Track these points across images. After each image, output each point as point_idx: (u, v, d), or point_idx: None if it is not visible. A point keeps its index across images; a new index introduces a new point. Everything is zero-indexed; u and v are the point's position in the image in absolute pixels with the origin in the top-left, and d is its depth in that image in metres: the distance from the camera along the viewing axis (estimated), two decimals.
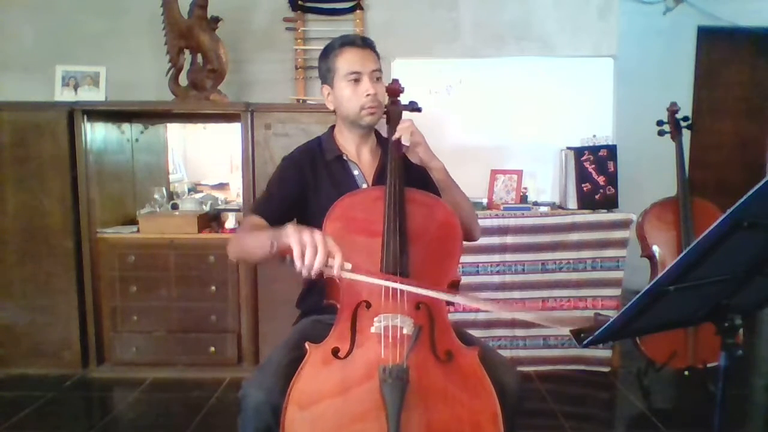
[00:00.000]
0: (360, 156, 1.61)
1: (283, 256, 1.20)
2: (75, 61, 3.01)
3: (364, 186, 1.56)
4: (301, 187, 1.55)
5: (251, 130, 2.75)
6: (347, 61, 1.51)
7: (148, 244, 2.80)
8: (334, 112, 1.61)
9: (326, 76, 1.55)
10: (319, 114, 2.74)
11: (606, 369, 2.86)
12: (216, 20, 2.88)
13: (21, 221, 2.79)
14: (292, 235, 1.16)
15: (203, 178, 3.70)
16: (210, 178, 3.70)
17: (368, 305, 1.28)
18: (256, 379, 1.28)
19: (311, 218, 1.52)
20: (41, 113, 2.77)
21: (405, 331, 1.24)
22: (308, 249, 1.13)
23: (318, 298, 1.46)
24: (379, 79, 1.53)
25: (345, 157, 1.59)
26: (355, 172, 1.58)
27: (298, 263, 1.14)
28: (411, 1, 3.23)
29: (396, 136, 1.45)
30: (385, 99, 1.56)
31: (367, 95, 1.50)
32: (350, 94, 1.51)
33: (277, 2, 3.22)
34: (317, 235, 1.15)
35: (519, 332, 2.86)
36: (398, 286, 1.25)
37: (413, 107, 1.63)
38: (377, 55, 1.55)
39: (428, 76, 3.15)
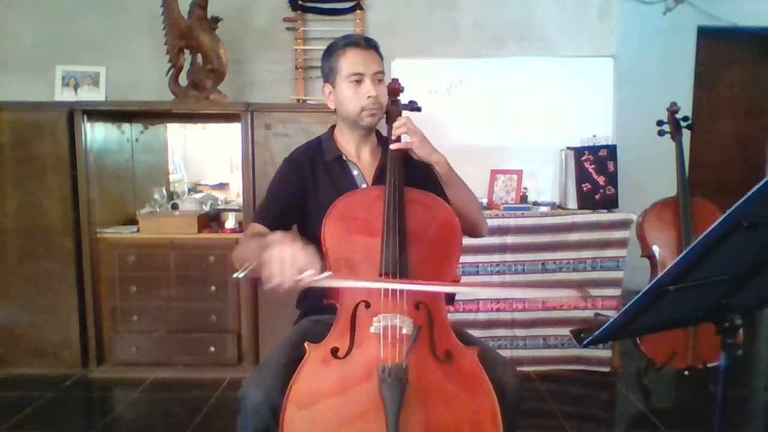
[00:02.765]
0: (360, 156, 1.61)
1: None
2: (75, 61, 3.02)
3: (364, 186, 1.56)
4: (300, 189, 1.55)
5: (251, 130, 2.75)
6: (350, 61, 1.50)
7: (148, 244, 2.80)
8: (334, 111, 1.61)
9: (328, 75, 1.55)
10: (319, 114, 2.74)
11: (606, 369, 2.86)
12: (216, 20, 2.88)
13: (21, 221, 2.79)
14: (266, 252, 1.14)
15: (203, 178, 3.70)
16: (210, 178, 3.69)
17: (367, 305, 1.28)
18: (255, 379, 1.28)
19: (310, 218, 1.53)
20: (41, 113, 2.77)
21: (404, 331, 1.24)
22: (273, 268, 1.12)
23: (318, 298, 1.46)
24: (381, 80, 1.53)
25: (344, 158, 1.59)
26: (354, 173, 1.58)
27: (266, 285, 1.13)
28: (411, 1, 3.23)
29: (394, 135, 1.46)
30: (386, 100, 1.56)
31: (369, 97, 1.49)
32: (351, 95, 1.51)
33: (277, 2, 3.22)
34: (285, 251, 1.13)
35: (519, 332, 2.86)
36: (381, 285, 1.26)
37: (413, 107, 1.63)
38: (380, 56, 1.55)
39: (428, 76, 3.15)
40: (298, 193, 1.55)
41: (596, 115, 3.13)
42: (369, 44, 1.53)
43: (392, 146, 1.46)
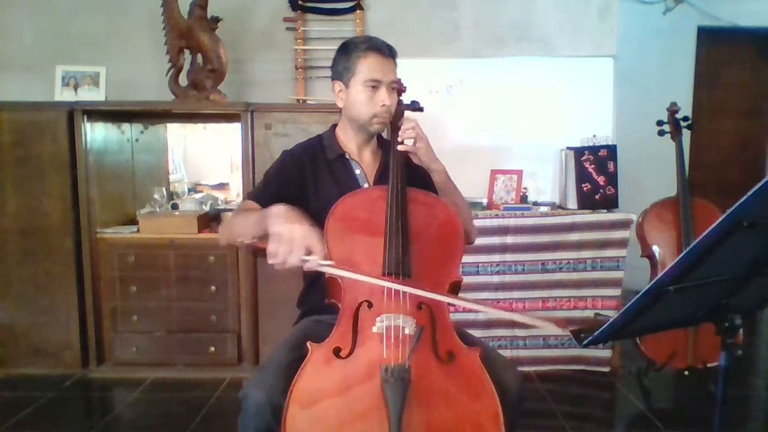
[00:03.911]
0: (361, 156, 1.61)
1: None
2: (75, 61, 3.01)
3: (365, 185, 1.56)
4: (299, 184, 1.55)
5: (251, 130, 2.75)
6: (370, 66, 1.49)
7: (148, 244, 2.80)
8: (339, 110, 1.60)
9: (342, 74, 1.53)
10: (319, 114, 2.74)
11: (606, 369, 2.86)
12: (216, 20, 2.88)
13: (21, 221, 2.79)
14: (273, 225, 1.14)
15: (203, 178, 3.70)
16: (210, 178, 3.70)
17: (370, 305, 1.28)
18: (256, 379, 1.28)
19: (311, 217, 1.52)
20: (41, 113, 2.77)
21: (407, 331, 1.24)
22: (282, 246, 1.12)
23: (319, 297, 1.46)
24: (394, 89, 1.52)
25: (347, 156, 1.59)
26: (357, 172, 1.58)
27: (270, 259, 1.12)
28: (411, 1, 3.23)
29: (401, 137, 1.46)
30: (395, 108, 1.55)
31: (383, 105, 1.49)
32: (365, 100, 1.50)
33: (277, 2, 3.22)
34: (296, 229, 1.14)
35: (519, 332, 2.86)
36: (384, 283, 1.26)
37: (415, 107, 1.63)
38: (396, 65, 1.54)
39: (428, 76, 3.15)
40: (296, 187, 1.54)
41: (596, 115, 3.14)
42: (390, 52, 1.52)
43: (399, 147, 1.45)
